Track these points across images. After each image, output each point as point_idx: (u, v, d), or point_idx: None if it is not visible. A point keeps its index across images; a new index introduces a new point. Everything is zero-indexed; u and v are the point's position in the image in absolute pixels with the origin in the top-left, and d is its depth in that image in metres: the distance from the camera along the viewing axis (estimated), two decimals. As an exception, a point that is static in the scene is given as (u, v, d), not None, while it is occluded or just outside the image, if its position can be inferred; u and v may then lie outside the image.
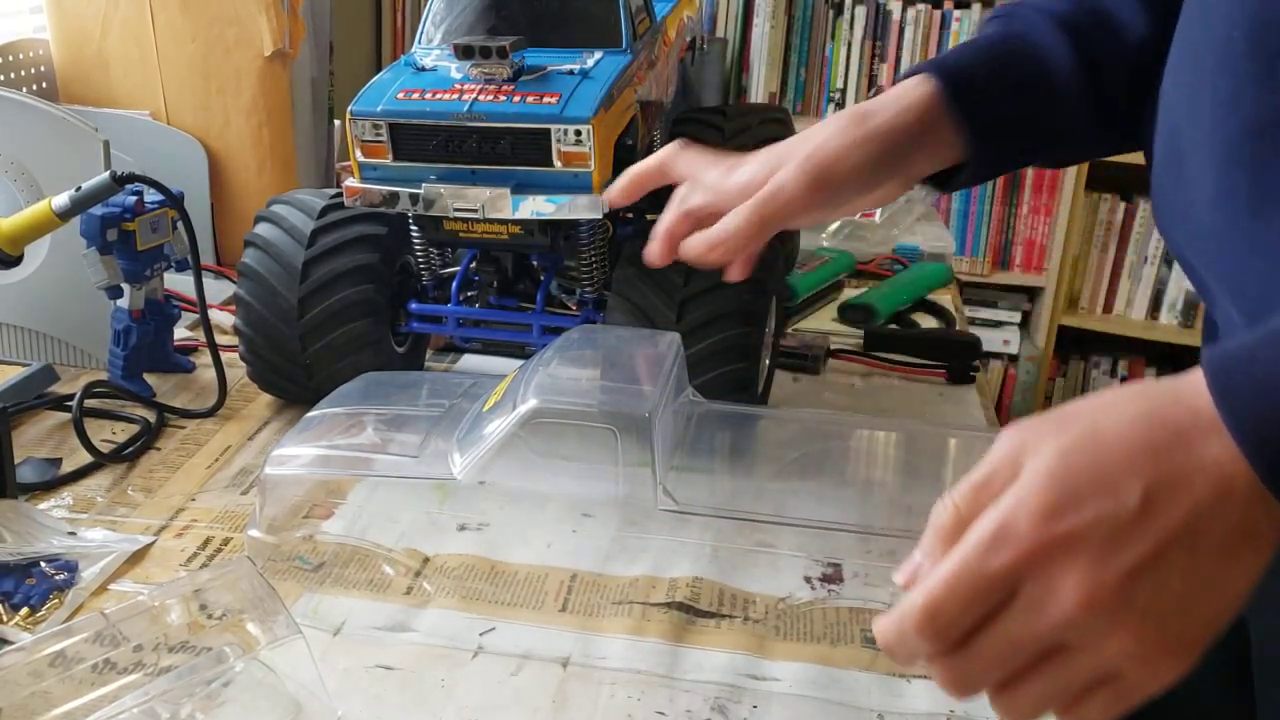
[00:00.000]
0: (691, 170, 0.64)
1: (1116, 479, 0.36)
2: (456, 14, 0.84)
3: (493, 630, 0.63)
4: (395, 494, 0.77)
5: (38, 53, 1.21)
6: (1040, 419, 0.39)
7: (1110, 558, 0.36)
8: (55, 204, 0.83)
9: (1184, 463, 0.36)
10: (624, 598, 0.66)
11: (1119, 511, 0.36)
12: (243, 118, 1.19)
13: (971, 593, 0.37)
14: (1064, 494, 0.37)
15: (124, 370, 0.89)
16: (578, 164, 0.74)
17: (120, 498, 0.76)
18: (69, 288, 0.91)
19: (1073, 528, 0.36)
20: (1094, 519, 0.36)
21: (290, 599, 0.64)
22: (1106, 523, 0.36)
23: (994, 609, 0.37)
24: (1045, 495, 0.37)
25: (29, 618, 0.62)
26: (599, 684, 0.59)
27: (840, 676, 0.60)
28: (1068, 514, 0.36)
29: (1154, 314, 2.42)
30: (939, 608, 0.37)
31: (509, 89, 0.75)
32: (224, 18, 1.17)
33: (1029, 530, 0.37)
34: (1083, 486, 0.37)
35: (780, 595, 0.67)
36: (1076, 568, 0.36)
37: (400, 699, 0.57)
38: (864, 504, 0.68)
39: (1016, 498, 0.37)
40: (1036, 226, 2.41)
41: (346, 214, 0.83)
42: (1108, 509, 0.36)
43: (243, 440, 0.84)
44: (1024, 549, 0.37)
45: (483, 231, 0.79)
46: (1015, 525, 0.37)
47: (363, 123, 0.76)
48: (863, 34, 2.38)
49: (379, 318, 0.83)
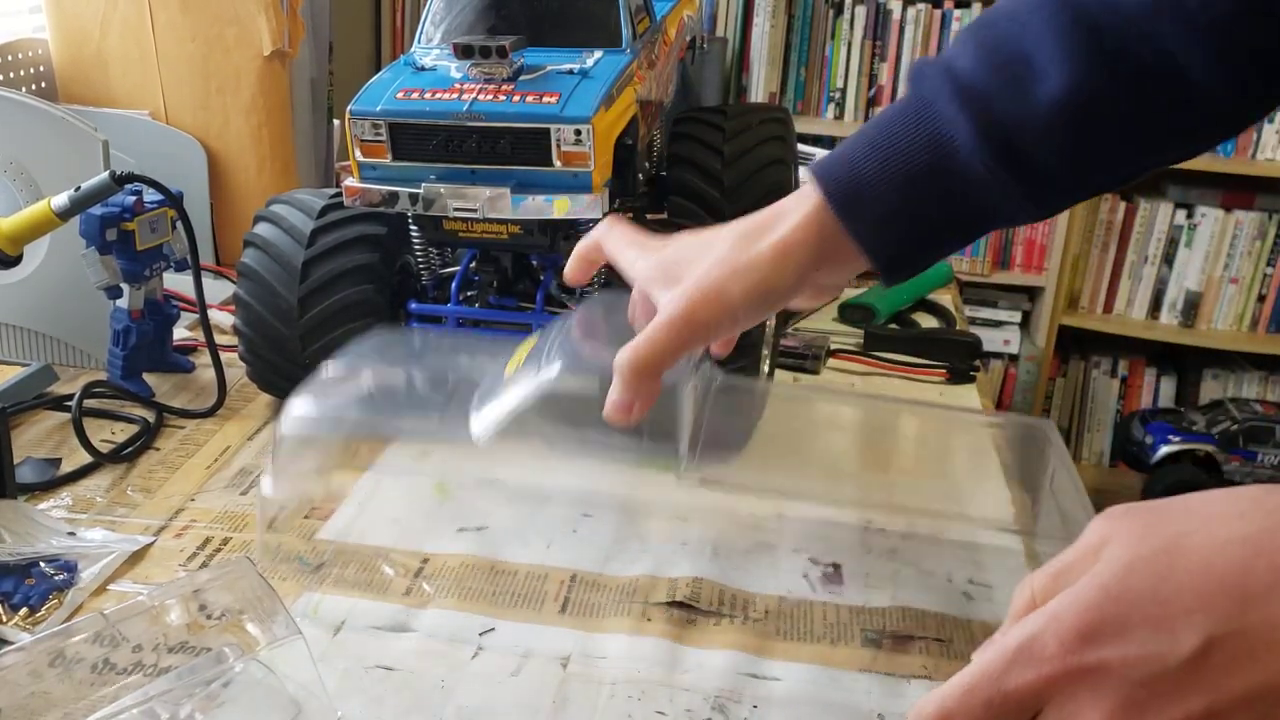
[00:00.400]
0: (615, 254, 0.61)
1: (1177, 614, 0.31)
2: (456, 13, 0.84)
3: (493, 630, 0.63)
4: (395, 494, 0.77)
5: (37, 52, 1.21)
6: (1141, 509, 0.35)
7: (1142, 704, 0.31)
8: (54, 204, 0.83)
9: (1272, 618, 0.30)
10: (624, 598, 0.66)
11: (1165, 654, 0.31)
12: (242, 117, 1.19)
13: (985, 709, 0.34)
14: (1109, 616, 0.32)
15: (123, 370, 0.89)
16: (578, 164, 0.74)
17: (120, 498, 0.75)
18: (68, 288, 0.91)
19: (1105, 659, 0.32)
20: (1133, 656, 0.31)
21: (290, 599, 0.64)
22: (1146, 664, 0.31)
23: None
24: (1087, 614, 0.32)
25: (28, 618, 0.61)
26: (599, 684, 0.59)
27: (840, 676, 0.60)
28: (1105, 641, 0.32)
29: (1154, 314, 2.42)
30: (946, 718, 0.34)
31: (509, 88, 0.75)
32: (223, 17, 1.17)
33: (1056, 651, 0.32)
34: (1134, 613, 0.31)
35: (780, 595, 0.67)
36: (1101, 705, 0.32)
37: (400, 699, 0.57)
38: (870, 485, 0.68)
39: (1058, 609, 0.33)
40: (1036, 226, 2.41)
41: (346, 214, 0.83)
42: (1152, 648, 0.31)
43: (242, 440, 0.84)
44: (1046, 672, 0.33)
45: (482, 231, 0.79)
46: (1044, 643, 0.33)
47: (362, 122, 0.76)
48: (863, 33, 2.38)
49: (379, 318, 0.83)
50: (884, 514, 0.77)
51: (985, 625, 0.65)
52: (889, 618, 0.65)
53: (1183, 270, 2.37)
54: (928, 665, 0.61)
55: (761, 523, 0.75)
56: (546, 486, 0.79)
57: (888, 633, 0.64)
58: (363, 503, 0.76)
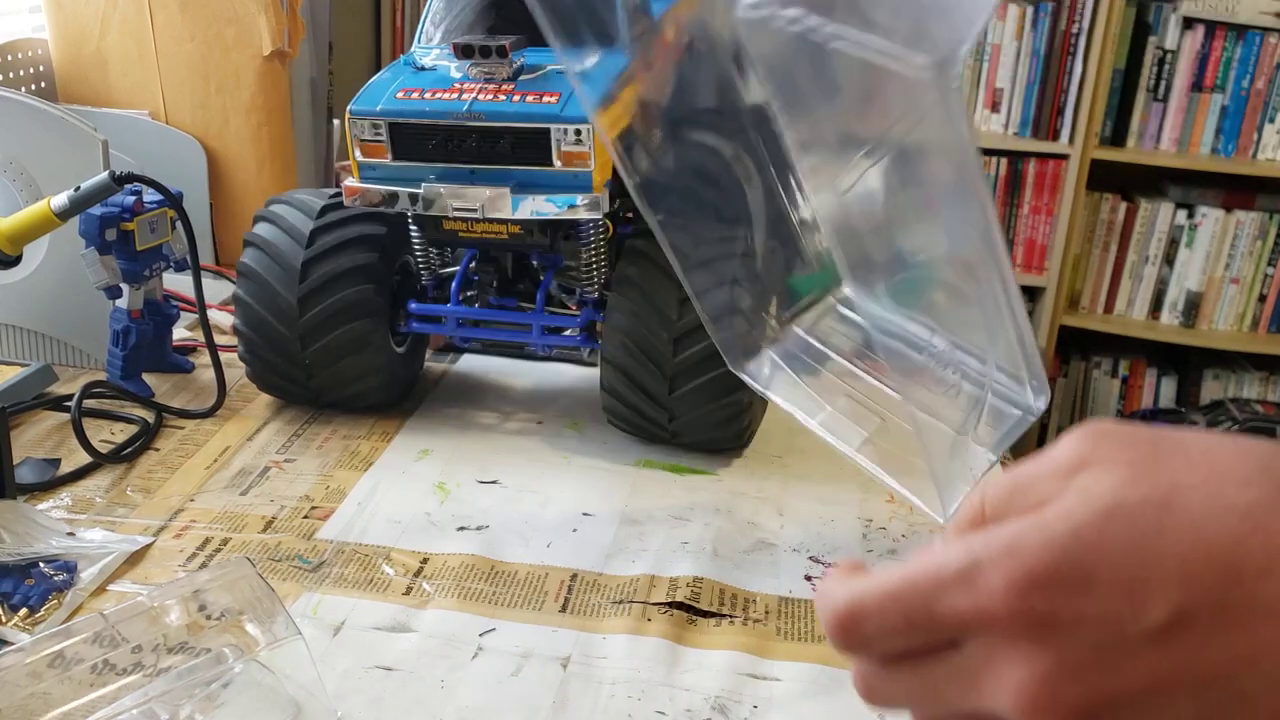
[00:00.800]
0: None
1: (1152, 580, 0.26)
2: (456, 13, 0.84)
3: (493, 630, 0.63)
4: (395, 494, 0.77)
5: (37, 52, 1.21)
6: (1130, 437, 0.29)
7: (1086, 671, 0.27)
8: (54, 204, 0.83)
9: (1251, 599, 0.26)
10: (624, 598, 0.66)
11: (1126, 621, 0.26)
12: (242, 117, 1.19)
13: (903, 623, 0.29)
14: (1074, 565, 0.27)
15: (123, 370, 0.89)
16: (578, 163, 0.74)
17: (119, 498, 0.75)
18: (68, 288, 0.91)
19: (1056, 613, 0.27)
20: (1089, 616, 0.27)
21: (290, 599, 0.64)
22: (1102, 627, 0.26)
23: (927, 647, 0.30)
24: (1049, 557, 0.27)
25: (28, 618, 0.61)
26: (599, 684, 0.59)
27: (840, 676, 0.60)
28: (1062, 593, 0.27)
29: (1155, 314, 2.42)
30: (857, 618, 0.30)
31: (509, 88, 0.75)
32: (223, 17, 1.17)
33: (1001, 590, 0.27)
34: (1103, 568, 0.26)
35: (780, 595, 0.67)
36: (1035, 661, 0.27)
37: (400, 699, 0.57)
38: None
39: (1015, 541, 0.28)
40: (1037, 226, 2.41)
41: (346, 214, 0.83)
42: (1113, 612, 0.26)
43: (242, 441, 0.84)
44: (984, 608, 0.28)
45: (482, 231, 0.79)
46: (990, 577, 0.28)
47: (362, 122, 0.76)
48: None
49: (378, 318, 0.83)
50: (884, 514, 0.77)
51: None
52: (889, 618, 0.65)
53: (1183, 270, 2.37)
54: (928, 665, 0.61)
55: (761, 523, 0.75)
56: (547, 486, 0.79)
57: (888, 633, 0.64)
58: (363, 503, 0.76)
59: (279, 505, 0.75)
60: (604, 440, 0.85)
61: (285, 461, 0.81)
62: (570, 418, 0.89)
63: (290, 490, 0.77)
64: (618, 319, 0.79)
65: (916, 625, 0.29)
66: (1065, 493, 0.28)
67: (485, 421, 0.89)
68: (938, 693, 0.30)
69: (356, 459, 0.81)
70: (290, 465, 0.80)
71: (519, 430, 0.88)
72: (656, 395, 0.79)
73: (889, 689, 0.31)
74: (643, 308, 0.78)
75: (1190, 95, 2.11)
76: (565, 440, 0.86)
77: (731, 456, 0.83)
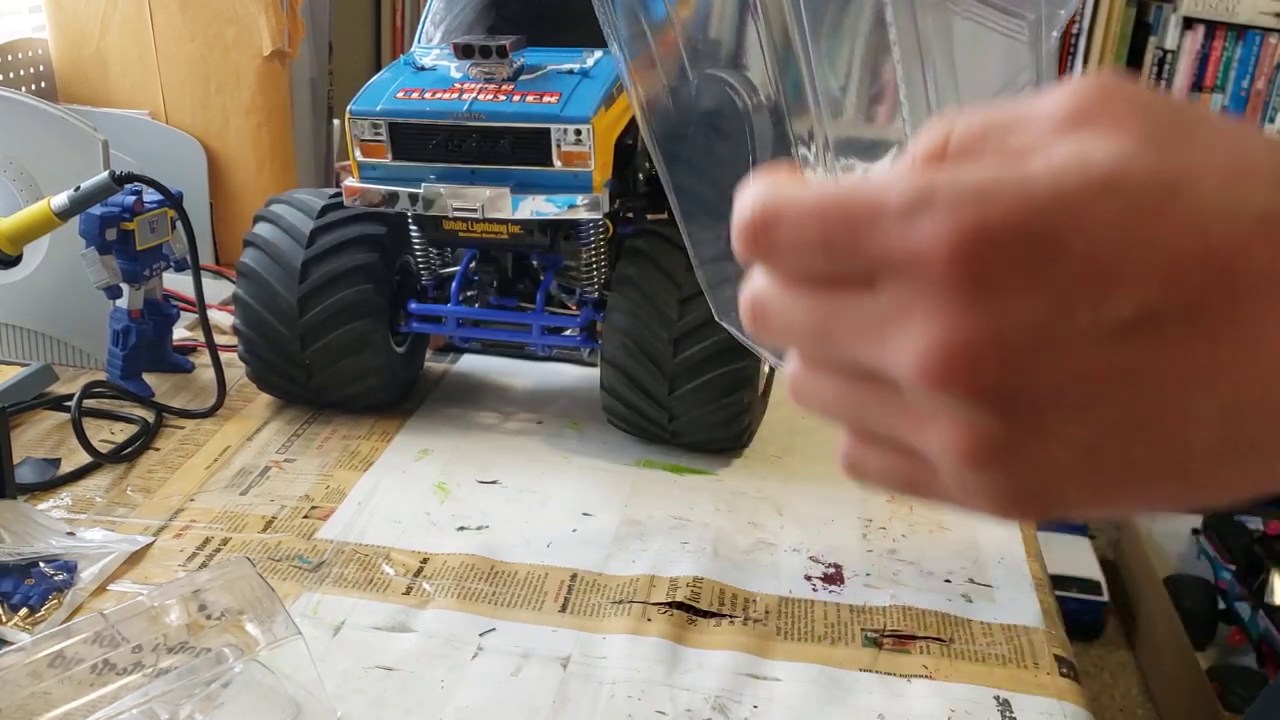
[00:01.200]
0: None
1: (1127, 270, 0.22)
2: (456, 13, 0.84)
3: (493, 630, 0.63)
4: (395, 494, 0.77)
5: (36, 52, 1.21)
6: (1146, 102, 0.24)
7: (1016, 350, 0.22)
8: (54, 204, 0.83)
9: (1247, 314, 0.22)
10: (624, 598, 0.66)
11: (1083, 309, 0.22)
12: (242, 117, 1.19)
13: (820, 241, 0.25)
14: (1046, 231, 0.22)
15: (123, 370, 0.89)
16: (578, 163, 0.74)
17: (119, 498, 0.75)
18: (68, 288, 0.91)
19: (1005, 276, 0.22)
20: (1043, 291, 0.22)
21: (290, 599, 0.64)
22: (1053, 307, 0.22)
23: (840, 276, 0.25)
24: (1020, 212, 0.22)
25: (28, 618, 0.61)
26: (599, 684, 0.59)
27: (840, 676, 0.60)
28: (1020, 256, 0.22)
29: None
30: (771, 221, 0.25)
31: (509, 88, 0.75)
32: (223, 17, 1.17)
33: (949, 233, 0.22)
34: (1079, 243, 0.22)
35: (780, 595, 0.67)
36: (960, 323, 0.23)
37: (400, 699, 0.57)
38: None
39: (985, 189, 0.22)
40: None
41: (346, 214, 0.83)
42: (1073, 294, 0.22)
43: (242, 440, 0.84)
44: (920, 249, 0.23)
45: (482, 231, 0.79)
46: (941, 216, 0.22)
47: (362, 122, 0.76)
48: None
49: (378, 318, 0.83)
50: (884, 514, 0.77)
51: (985, 625, 0.65)
52: (889, 618, 0.65)
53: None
54: (928, 665, 0.61)
55: (761, 523, 0.75)
56: (547, 486, 0.79)
57: (888, 633, 0.64)
58: (363, 503, 0.76)
59: (279, 505, 0.75)
60: (604, 440, 0.85)
61: (285, 461, 0.81)
62: (570, 418, 0.89)
63: (290, 490, 0.77)
64: (618, 319, 0.79)
65: (836, 248, 0.25)
66: (1056, 147, 0.23)
67: (485, 421, 0.89)
68: (832, 330, 0.26)
69: (356, 459, 0.81)
70: (290, 465, 0.80)
71: (519, 430, 0.88)
72: (656, 395, 0.79)
73: (779, 309, 0.27)
74: (643, 308, 0.78)
75: (1190, 95, 2.11)
76: (565, 440, 0.86)
77: (731, 456, 0.83)
